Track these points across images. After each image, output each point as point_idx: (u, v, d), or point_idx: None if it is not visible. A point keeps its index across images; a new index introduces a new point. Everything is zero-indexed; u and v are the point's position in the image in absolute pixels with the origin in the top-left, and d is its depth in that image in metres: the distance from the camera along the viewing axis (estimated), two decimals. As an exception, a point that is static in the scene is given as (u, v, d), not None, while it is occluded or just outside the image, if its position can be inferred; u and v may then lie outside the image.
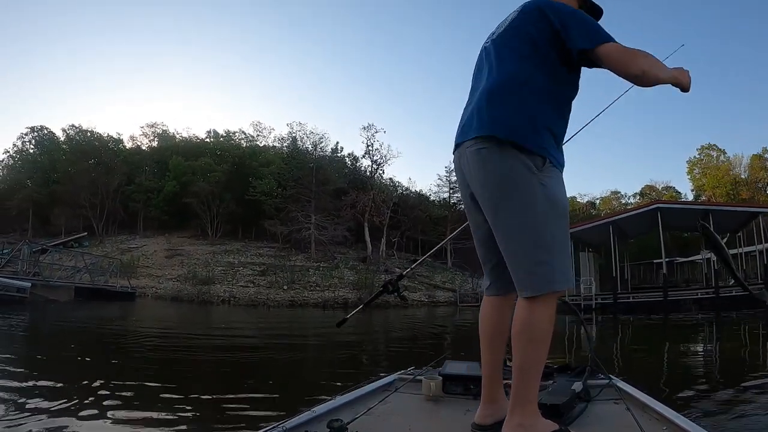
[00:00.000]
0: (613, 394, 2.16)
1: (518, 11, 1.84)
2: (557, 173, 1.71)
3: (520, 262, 1.65)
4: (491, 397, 1.85)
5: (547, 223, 1.63)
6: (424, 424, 1.94)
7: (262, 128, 66.03)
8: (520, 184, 1.63)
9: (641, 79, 1.61)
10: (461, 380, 2.32)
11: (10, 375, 5.57)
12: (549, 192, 1.65)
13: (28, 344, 9.40)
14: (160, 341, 10.21)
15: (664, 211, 24.88)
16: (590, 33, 1.65)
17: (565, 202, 1.71)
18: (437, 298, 36.17)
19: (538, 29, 1.73)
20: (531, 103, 1.68)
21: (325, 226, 42.97)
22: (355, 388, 2.29)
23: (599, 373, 2.47)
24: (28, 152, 59.97)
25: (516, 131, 1.64)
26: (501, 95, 1.71)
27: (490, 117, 1.69)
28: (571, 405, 1.90)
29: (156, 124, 67.06)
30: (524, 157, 1.63)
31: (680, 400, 4.67)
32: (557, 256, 1.64)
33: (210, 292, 32.08)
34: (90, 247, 43.60)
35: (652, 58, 1.63)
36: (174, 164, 52.80)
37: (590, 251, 29.60)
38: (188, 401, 4.59)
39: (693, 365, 7.95)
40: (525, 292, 1.64)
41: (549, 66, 1.71)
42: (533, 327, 1.61)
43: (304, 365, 7.82)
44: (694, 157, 61.76)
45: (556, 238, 1.64)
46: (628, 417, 1.80)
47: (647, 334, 14.35)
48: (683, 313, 19.90)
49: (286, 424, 1.69)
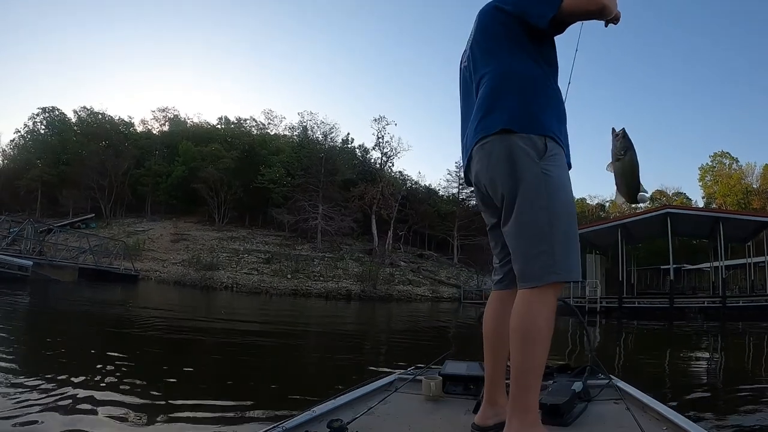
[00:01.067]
0: (613, 394, 2.15)
1: (477, 19, 1.88)
2: (561, 157, 1.68)
3: (523, 251, 1.63)
4: (492, 397, 1.82)
5: (548, 212, 1.60)
6: (424, 424, 1.91)
7: (273, 116, 66.27)
8: (521, 174, 1.62)
9: (603, 12, 1.63)
10: (461, 380, 2.30)
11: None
12: (553, 180, 1.62)
13: (19, 324, 9.32)
14: (153, 329, 9.95)
15: (674, 216, 24.55)
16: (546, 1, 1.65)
17: (568, 189, 1.68)
18: (441, 294, 36.08)
19: (503, 24, 1.76)
20: (522, 93, 1.68)
21: (332, 217, 42.95)
22: (355, 388, 2.27)
23: (599, 373, 2.46)
24: (39, 132, 60.28)
25: (514, 120, 1.64)
26: (492, 95, 1.72)
27: (487, 121, 1.70)
28: (571, 405, 1.87)
29: (167, 109, 67.30)
30: (525, 145, 1.63)
31: (684, 404, 4.61)
32: (559, 245, 1.60)
33: (213, 278, 32.11)
34: (97, 228, 44.05)
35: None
36: (184, 149, 52.96)
37: (597, 253, 29.40)
38: (181, 396, 4.50)
39: (695, 371, 7.88)
40: (526, 282, 1.61)
41: (527, 53, 1.73)
42: (530, 322, 1.56)
43: (304, 361, 7.70)
44: (706, 164, 61.21)
45: (557, 227, 1.60)
46: (628, 417, 1.79)
47: (650, 340, 14.20)
48: (688, 321, 19.68)
49: (285, 424, 1.68)
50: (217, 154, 50.26)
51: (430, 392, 2.20)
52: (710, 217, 26.00)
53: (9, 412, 3.51)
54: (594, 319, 21.52)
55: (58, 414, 3.59)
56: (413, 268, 42.00)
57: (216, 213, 47.98)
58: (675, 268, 25.21)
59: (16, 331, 8.30)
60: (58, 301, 14.79)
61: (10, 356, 5.64)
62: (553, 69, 1.80)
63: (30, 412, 3.55)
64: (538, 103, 1.68)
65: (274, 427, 1.63)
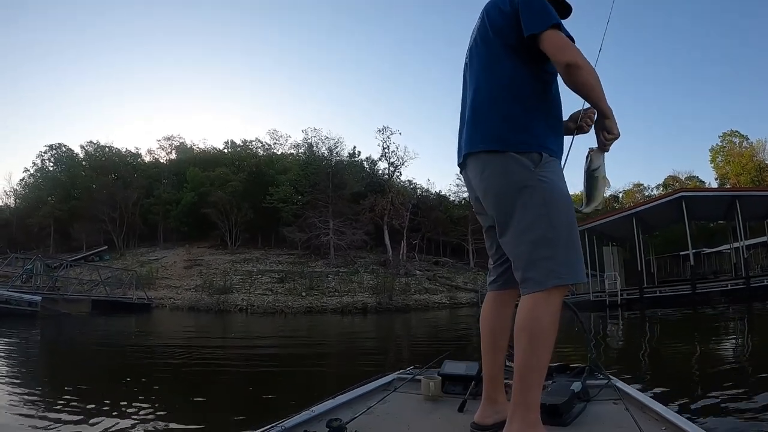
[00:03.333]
0: (612, 394, 2.19)
1: (480, 16, 1.87)
2: (556, 164, 1.72)
3: (524, 258, 1.65)
4: (492, 396, 1.85)
5: (548, 217, 1.63)
6: (422, 423, 1.95)
7: (278, 136, 66.03)
8: (517, 183, 1.66)
9: (569, 70, 1.60)
10: (460, 380, 2.34)
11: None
12: (548, 187, 1.65)
13: (23, 363, 9.00)
14: (157, 358, 9.77)
15: (689, 199, 23.98)
16: (540, 16, 1.64)
17: (566, 194, 1.71)
18: (459, 300, 35.53)
19: (499, 26, 1.76)
20: (513, 104, 1.70)
21: (343, 231, 42.69)
22: (354, 388, 2.30)
23: (598, 373, 2.49)
24: (48, 170, 60.88)
25: (505, 138, 1.68)
26: (483, 107, 1.76)
27: (480, 133, 1.74)
28: (570, 405, 1.90)
29: (173, 137, 67.53)
30: (519, 157, 1.66)
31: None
32: (561, 249, 1.62)
33: (227, 301, 31.93)
34: (111, 260, 44.27)
35: (590, 66, 1.63)
36: (191, 175, 53.23)
37: (614, 245, 28.88)
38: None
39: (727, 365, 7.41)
40: (529, 287, 1.63)
41: (521, 59, 1.72)
42: (535, 324, 1.59)
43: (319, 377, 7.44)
44: (716, 145, 59.93)
45: (558, 231, 1.63)
46: (627, 417, 1.82)
47: (677, 329, 13.71)
48: (713, 306, 19.10)
49: (285, 423, 1.71)
50: (225, 178, 50.33)
51: (429, 392, 2.24)
52: (726, 197, 25.37)
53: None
54: (615, 312, 21.04)
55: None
56: (429, 276, 41.55)
57: (228, 236, 47.85)
58: (694, 252, 24.57)
59: (21, 368, 8.06)
60: (65, 335, 14.79)
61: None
62: (551, 73, 1.77)
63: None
64: (530, 116, 1.69)
65: (274, 426, 1.66)
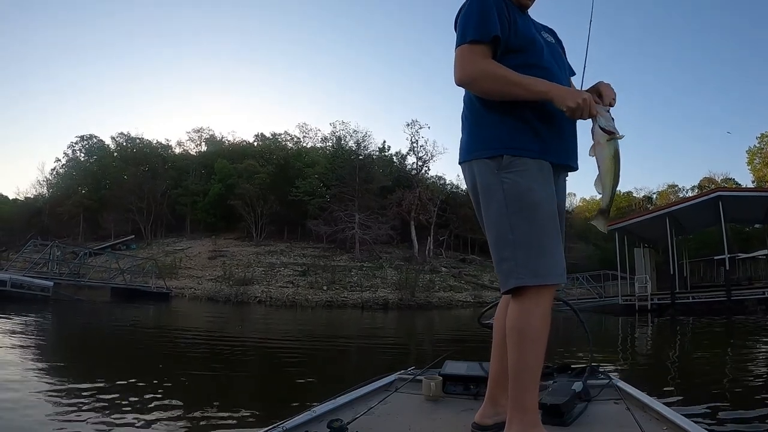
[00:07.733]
0: (613, 394, 2.19)
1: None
2: (525, 163, 1.67)
3: (494, 260, 1.70)
4: (494, 397, 1.85)
5: (508, 218, 1.64)
6: (424, 424, 1.94)
7: (308, 129, 66.26)
8: (484, 187, 1.71)
9: (468, 88, 1.74)
10: (461, 380, 2.34)
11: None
12: (509, 187, 1.65)
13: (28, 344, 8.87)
14: (156, 348, 9.60)
15: (726, 199, 22.27)
16: (460, 30, 1.70)
17: (533, 193, 1.65)
18: (484, 299, 34.65)
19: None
20: (471, 112, 1.79)
21: (369, 225, 42.24)
22: (355, 388, 2.28)
23: (599, 373, 2.48)
24: (79, 160, 61.97)
25: (470, 148, 1.78)
26: (463, 125, 1.86)
27: (460, 145, 1.86)
28: (571, 405, 1.89)
29: (202, 129, 68.19)
30: (484, 161, 1.71)
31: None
32: (521, 250, 1.62)
33: (247, 292, 31.81)
34: (137, 249, 44.89)
35: (490, 71, 1.62)
36: (219, 167, 53.44)
37: (647, 247, 27.78)
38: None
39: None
40: (502, 289, 1.67)
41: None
42: (520, 323, 1.60)
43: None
44: (753, 147, 57.04)
45: (518, 232, 1.63)
46: (628, 417, 1.82)
47: (712, 340, 12.71)
48: (748, 314, 17.74)
49: (286, 424, 1.70)
50: (252, 170, 50.35)
51: (430, 392, 2.24)
52: (766, 198, 23.60)
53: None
54: (645, 318, 20.16)
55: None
56: (454, 273, 40.83)
57: (253, 228, 47.88)
58: (730, 257, 23.40)
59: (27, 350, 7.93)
60: (72, 321, 14.83)
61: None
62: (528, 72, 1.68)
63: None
64: (486, 120, 1.73)
65: (275, 426, 1.65)
